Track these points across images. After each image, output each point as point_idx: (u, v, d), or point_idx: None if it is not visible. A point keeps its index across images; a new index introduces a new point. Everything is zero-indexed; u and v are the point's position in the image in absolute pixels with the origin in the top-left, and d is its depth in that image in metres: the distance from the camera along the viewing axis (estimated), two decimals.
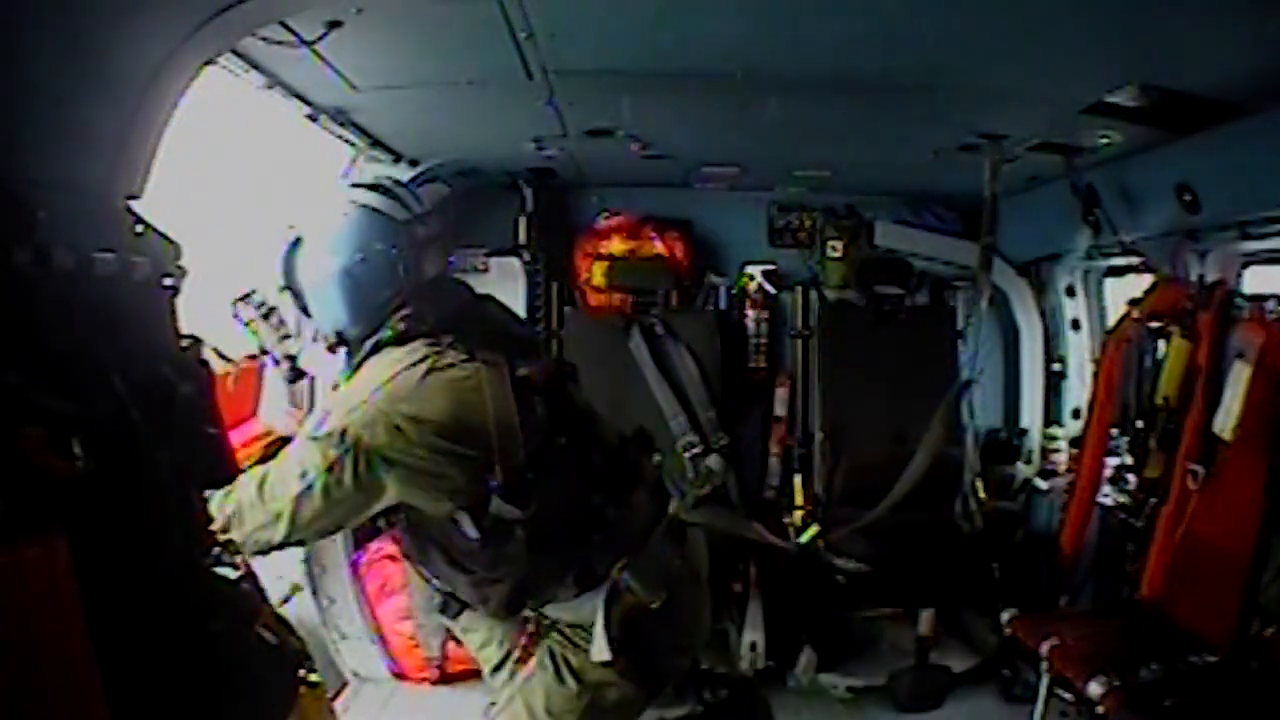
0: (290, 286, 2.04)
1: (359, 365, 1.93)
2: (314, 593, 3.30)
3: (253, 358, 2.63)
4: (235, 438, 2.64)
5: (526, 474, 1.85)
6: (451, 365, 1.85)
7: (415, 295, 1.95)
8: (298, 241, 2.00)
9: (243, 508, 1.82)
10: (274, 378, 2.29)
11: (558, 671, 2.02)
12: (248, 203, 2.78)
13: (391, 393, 1.81)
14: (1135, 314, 3.21)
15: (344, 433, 1.78)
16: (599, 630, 1.95)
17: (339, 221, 1.96)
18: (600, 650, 1.95)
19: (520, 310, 4.13)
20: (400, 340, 1.89)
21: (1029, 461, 4.35)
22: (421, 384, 1.82)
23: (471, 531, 1.87)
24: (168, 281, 1.46)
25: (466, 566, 1.96)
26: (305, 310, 2.04)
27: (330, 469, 1.78)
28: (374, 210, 1.96)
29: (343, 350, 2.04)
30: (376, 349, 1.91)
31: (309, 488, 1.79)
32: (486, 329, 2.00)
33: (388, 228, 1.95)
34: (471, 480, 1.83)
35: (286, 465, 1.83)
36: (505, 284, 4.16)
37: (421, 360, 1.85)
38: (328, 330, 2.02)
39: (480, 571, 1.95)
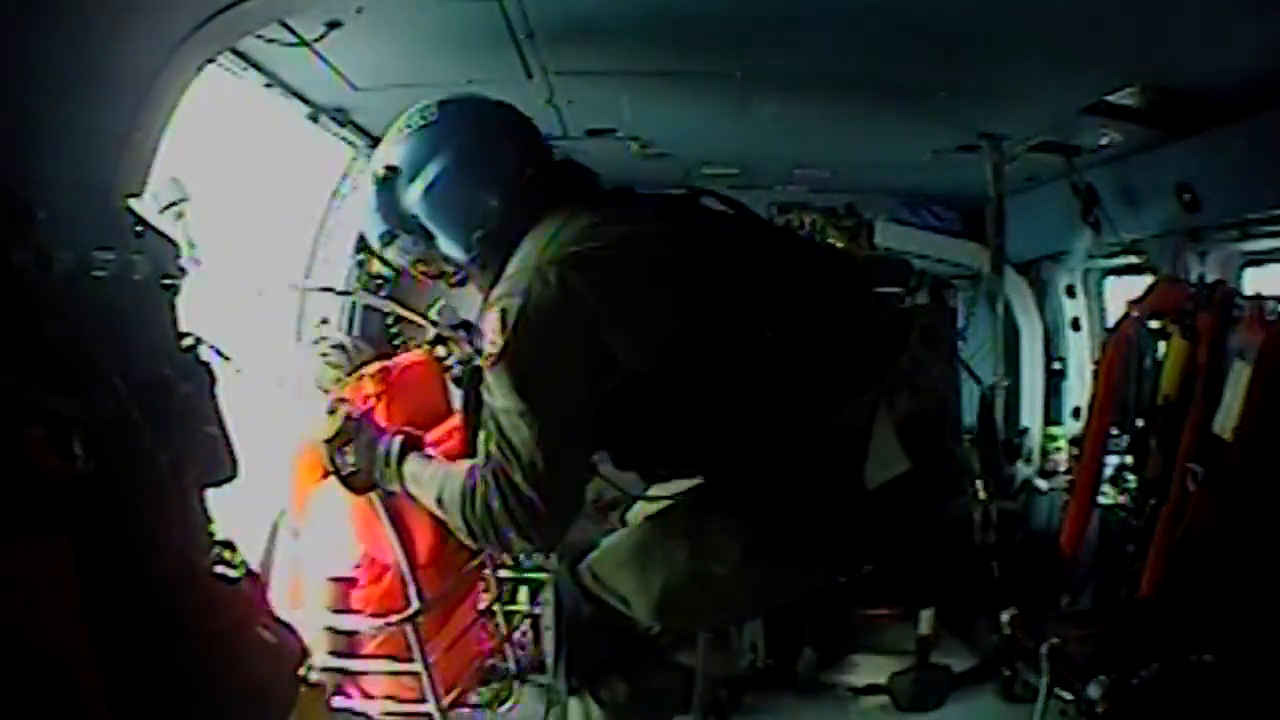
0: (399, 226, 1.76)
1: (501, 268, 1.67)
2: None
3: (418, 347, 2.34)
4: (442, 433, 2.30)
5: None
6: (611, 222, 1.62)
7: (546, 168, 1.77)
8: (389, 174, 1.75)
9: (500, 476, 1.57)
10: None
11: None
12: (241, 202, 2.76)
13: (553, 255, 1.56)
14: (1135, 313, 3.21)
15: (516, 327, 1.52)
16: (884, 433, 1.60)
17: (433, 123, 1.75)
18: (888, 458, 1.59)
19: None
20: (538, 215, 1.67)
21: (1029, 461, 4.35)
22: (586, 230, 1.59)
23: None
24: (167, 281, 1.46)
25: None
26: (428, 241, 1.76)
27: (528, 376, 1.53)
28: (459, 98, 1.81)
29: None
30: (519, 239, 1.66)
31: (523, 412, 1.53)
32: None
33: (481, 103, 1.81)
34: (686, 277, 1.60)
35: (500, 411, 1.56)
36: None
37: (569, 219, 1.62)
38: (465, 239, 1.73)
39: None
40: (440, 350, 2.27)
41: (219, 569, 1.49)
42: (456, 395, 2.21)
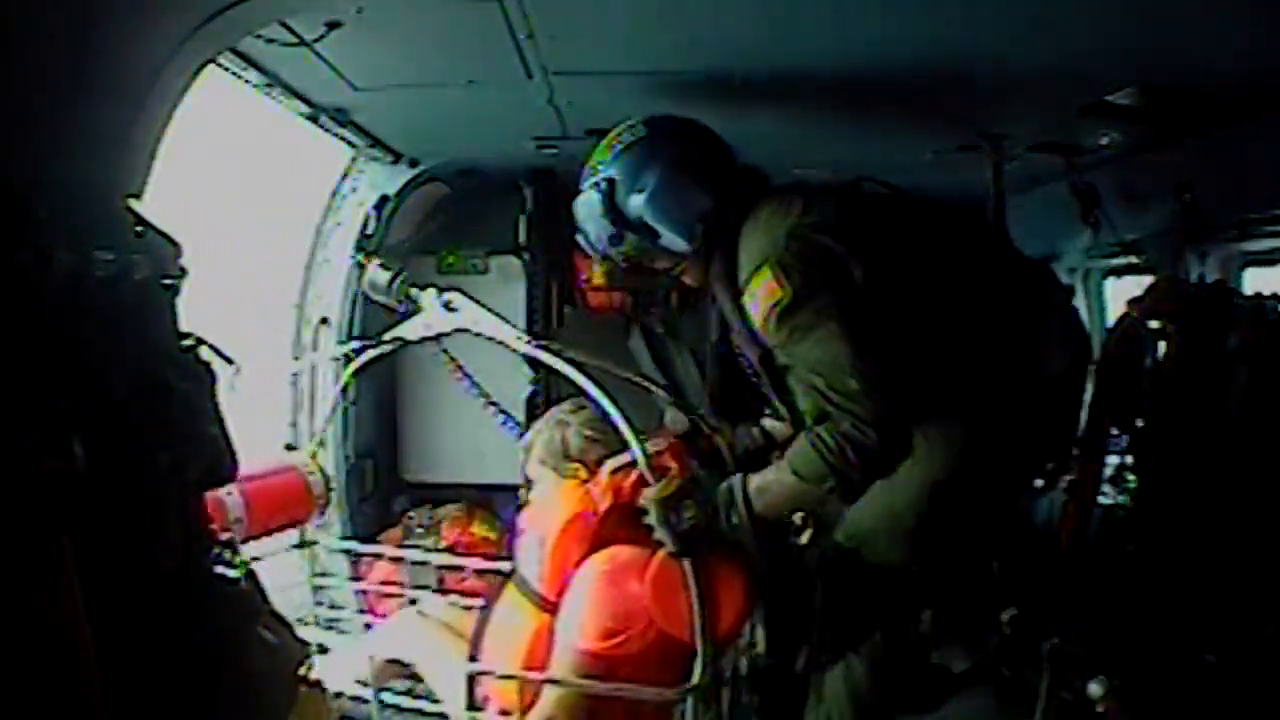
0: (625, 228, 2.06)
1: (726, 254, 1.96)
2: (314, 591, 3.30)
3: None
4: None
5: None
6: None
7: (739, 167, 2.09)
8: (610, 185, 2.05)
9: (842, 403, 1.80)
10: None
11: None
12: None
13: (793, 225, 1.87)
14: (1135, 313, 3.21)
15: (791, 274, 1.80)
16: (1053, 335, 2.06)
17: (643, 138, 2.06)
18: (1057, 358, 2.05)
19: (520, 310, 4.14)
20: (754, 200, 1.97)
21: None
22: (808, 205, 1.91)
23: None
24: (168, 281, 1.46)
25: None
26: (653, 238, 2.06)
27: (822, 301, 1.80)
28: (655, 117, 2.12)
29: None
30: (737, 227, 1.95)
31: (833, 331, 1.79)
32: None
33: (676, 119, 2.12)
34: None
35: (810, 351, 1.82)
36: (505, 284, 4.15)
37: (786, 202, 1.94)
38: (688, 232, 2.02)
39: None
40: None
41: (219, 569, 1.49)
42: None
